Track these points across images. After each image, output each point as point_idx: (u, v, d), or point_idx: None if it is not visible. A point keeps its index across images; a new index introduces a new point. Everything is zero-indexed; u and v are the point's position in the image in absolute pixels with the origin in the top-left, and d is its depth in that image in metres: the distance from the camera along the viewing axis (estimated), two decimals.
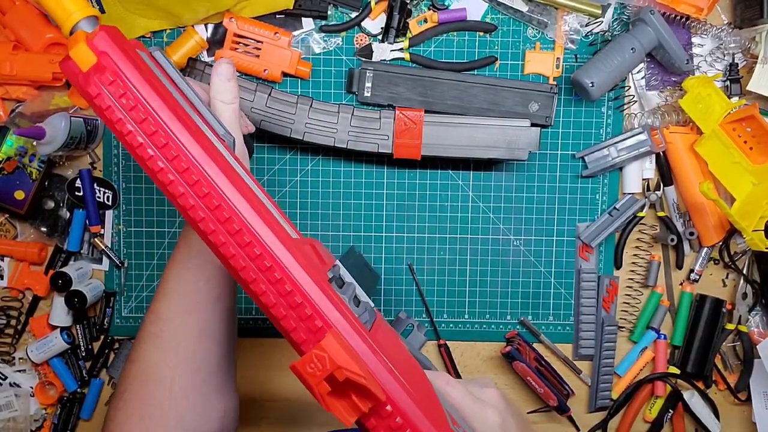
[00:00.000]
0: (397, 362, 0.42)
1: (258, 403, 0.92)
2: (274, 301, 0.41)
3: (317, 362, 0.38)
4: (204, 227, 0.42)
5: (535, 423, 0.94)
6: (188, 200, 0.42)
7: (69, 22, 0.45)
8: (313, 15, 0.85)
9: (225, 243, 0.42)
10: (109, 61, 0.43)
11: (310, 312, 0.41)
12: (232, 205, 0.42)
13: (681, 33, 0.86)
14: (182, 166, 0.42)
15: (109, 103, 0.42)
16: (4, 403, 0.89)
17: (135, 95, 0.43)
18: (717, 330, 0.90)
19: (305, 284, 0.42)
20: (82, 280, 0.88)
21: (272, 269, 0.41)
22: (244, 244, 0.42)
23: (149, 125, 0.43)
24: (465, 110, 0.85)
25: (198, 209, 0.42)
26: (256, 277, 0.42)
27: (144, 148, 0.43)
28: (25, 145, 0.85)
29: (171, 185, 0.42)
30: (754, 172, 0.85)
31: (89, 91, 0.43)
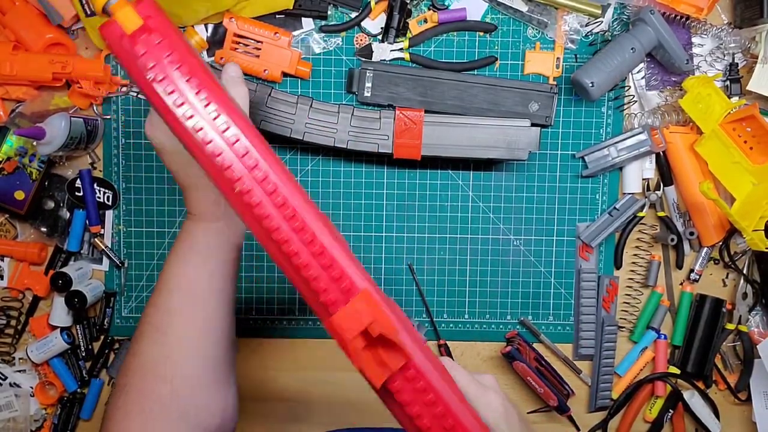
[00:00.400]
0: (413, 335, 0.44)
1: (258, 403, 0.92)
2: (306, 262, 0.43)
3: (353, 315, 0.40)
4: (241, 187, 0.44)
5: (535, 423, 0.94)
6: (225, 158, 0.44)
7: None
8: (313, 15, 0.85)
9: (261, 203, 0.44)
10: (156, 23, 0.44)
11: (340, 274, 0.43)
12: (265, 168, 0.44)
13: (681, 33, 0.86)
14: (221, 126, 0.44)
15: (155, 62, 0.44)
16: (4, 404, 0.89)
17: (182, 55, 0.44)
18: (717, 330, 0.90)
19: (333, 249, 0.44)
20: (82, 280, 0.88)
21: (304, 230, 0.43)
22: (278, 205, 0.44)
23: (193, 84, 0.44)
24: (465, 110, 0.85)
25: (235, 169, 0.44)
26: (289, 238, 0.43)
27: (191, 106, 0.44)
28: (25, 146, 0.85)
29: (210, 145, 0.44)
30: (754, 172, 0.85)
31: (136, 50, 0.44)
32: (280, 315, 0.91)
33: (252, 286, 0.90)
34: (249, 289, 0.90)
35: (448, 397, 0.44)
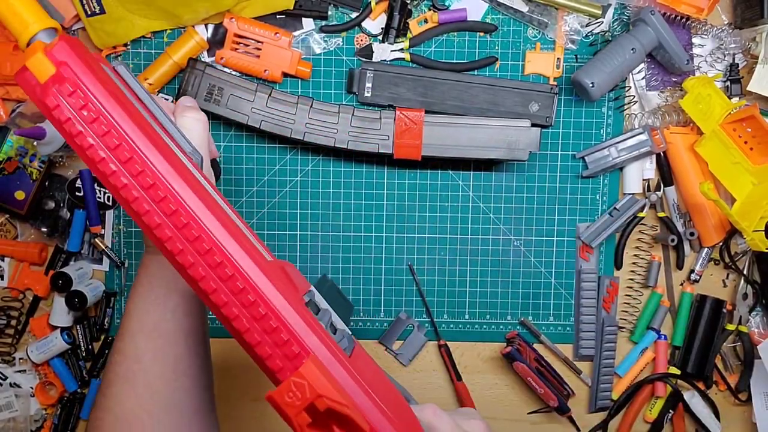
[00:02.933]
0: (378, 392, 0.40)
1: (259, 403, 0.92)
2: (247, 326, 0.38)
3: (296, 391, 0.36)
4: (171, 247, 0.39)
5: (536, 423, 0.94)
6: (154, 218, 0.39)
7: (26, 34, 0.42)
8: (314, 15, 0.85)
9: (194, 264, 0.39)
10: (69, 72, 0.39)
11: (287, 337, 0.38)
12: (201, 223, 0.39)
13: (681, 33, 0.86)
14: (147, 182, 0.39)
15: (69, 116, 0.39)
16: (4, 404, 0.89)
17: (96, 107, 0.39)
18: (717, 330, 0.90)
19: (281, 307, 0.39)
20: (83, 280, 0.88)
21: (245, 291, 0.39)
22: (214, 265, 0.39)
23: (112, 138, 0.39)
24: (465, 110, 0.85)
25: (165, 227, 0.39)
26: (228, 300, 0.39)
27: (106, 162, 0.39)
28: (26, 146, 0.85)
29: (135, 202, 0.39)
30: (754, 173, 0.85)
31: (47, 102, 0.39)
32: None
33: None
34: None
35: None
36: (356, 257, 0.90)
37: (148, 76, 0.84)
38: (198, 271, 0.39)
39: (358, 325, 0.91)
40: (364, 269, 0.91)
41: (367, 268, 0.91)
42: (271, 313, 0.38)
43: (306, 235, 0.90)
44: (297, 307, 0.39)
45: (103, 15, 0.81)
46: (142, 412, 0.50)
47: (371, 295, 0.91)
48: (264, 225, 0.89)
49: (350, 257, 0.90)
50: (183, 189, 0.40)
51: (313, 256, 0.90)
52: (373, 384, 0.40)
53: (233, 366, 0.91)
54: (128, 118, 0.40)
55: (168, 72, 0.84)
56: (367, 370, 0.42)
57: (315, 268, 0.90)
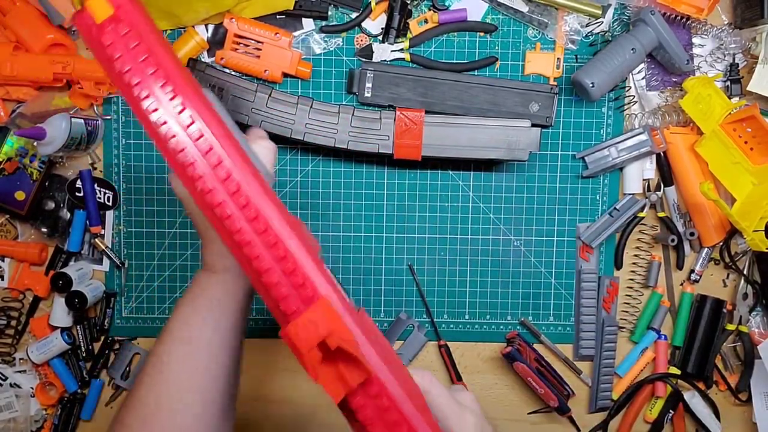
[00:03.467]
0: (381, 347, 0.42)
1: (261, 404, 0.92)
2: (267, 266, 0.41)
3: (309, 326, 0.38)
4: (201, 185, 0.41)
5: (536, 423, 0.94)
6: (188, 154, 0.42)
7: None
8: (314, 15, 0.85)
9: (222, 202, 0.41)
10: (126, 13, 0.42)
11: (302, 280, 0.40)
12: (229, 166, 0.42)
13: (681, 33, 0.86)
14: (186, 121, 0.41)
15: (121, 53, 0.41)
16: (4, 404, 0.89)
17: (150, 47, 0.42)
18: (717, 330, 0.90)
19: (299, 254, 0.41)
20: (83, 280, 0.88)
21: (268, 233, 0.41)
22: (241, 206, 0.41)
23: (159, 76, 0.42)
24: (465, 111, 0.85)
25: (197, 165, 0.41)
26: (252, 240, 0.41)
27: (155, 98, 0.42)
28: (26, 146, 0.85)
29: (173, 140, 0.41)
30: (754, 173, 0.86)
31: (102, 40, 0.42)
32: None
33: None
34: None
35: (414, 417, 0.41)
36: (356, 257, 0.90)
37: None
38: (225, 210, 0.41)
39: None
40: (364, 269, 0.91)
41: (367, 268, 0.91)
42: (290, 256, 0.41)
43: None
44: (313, 256, 0.42)
45: None
46: (167, 409, 0.52)
47: (371, 295, 0.91)
48: None
49: (350, 257, 0.90)
50: (217, 128, 0.42)
51: None
52: (377, 341, 0.42)
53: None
54: (177, 62, 0.43)
55: None
56: (372, 328, 0.44)
57: None
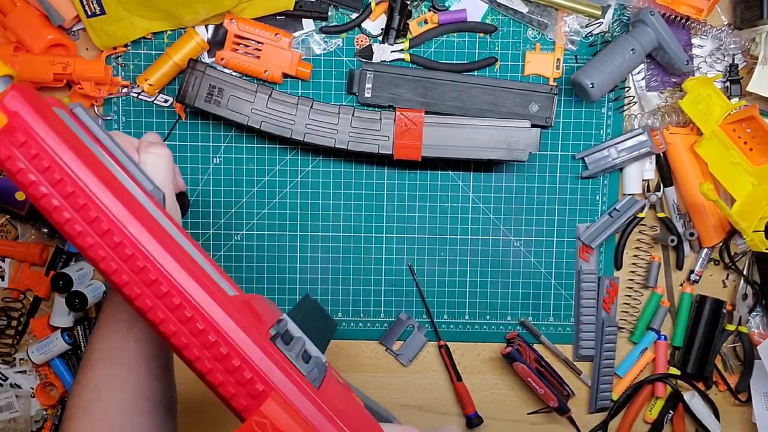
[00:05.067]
0: (349, 420, 0.39)
1: None
2: (209, 367, 0.38)
3: (258, 430, 0.36)
4: (129, 292, 0.39)
5: (536, 424, 0.94)
6: (110, 264, 0.39)
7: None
8: (314, 16, 0.85)
9: (152, 307, 0.38)
10: (21, 122, 0.39)
11: (250, 375, 0.38)
12: (158, 265, 0.39)
13: (681, 34, 0.86)
14: (103, 228, 0.39)
15: (22, 166, 0.39)
16: (4, 404, 0.89)
17: (49, 155, 0.39)
18: (717, 331, 0.90)
19: (243, 345, 0.38)
20: (83, 280, 0.88)
21: (205, 332, 0.38)
22: (173, 307, 0.38)
23: (65, 186, 0.39)
24: (465, 111, 0.85)
25: (122, 273, 0.39)
26: (189, 342, 0.38)
27: (60, 211, 0.39)
28: None
29: (91, 249, 0.39)
30: (754, 173, 0.86)
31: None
32: None
33: (252, 287, 0.90)
34: (249, 290, 0.90)
35: None
36: (356, 257, 0.90)
37: (148, 77, 0.84)
38: (157, 314, 0.38)
39: (359, 326, 0.91)
40: (364, 269, 0.91)
41: (367, 269, 0.91)
42: (233, 351, 0.38)
43: (306, 235, 0.90)
44: (260, 343, 0.39)
45: (104, 16, 0.81)
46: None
47: (371, 296, 0.91)
48: (264, 226, 0.89)
49: (350, 257, 0.90)
50: (139, 231, 0.39)
51: (313, 257, 0.90)
52: (345, 414, 0.39)
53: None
54: (83, 164, 0.39)
55: (168, 73, 0.84)
56: (338, 398, 0.41)
57: (315, 269, 0.90)
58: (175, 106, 0.87)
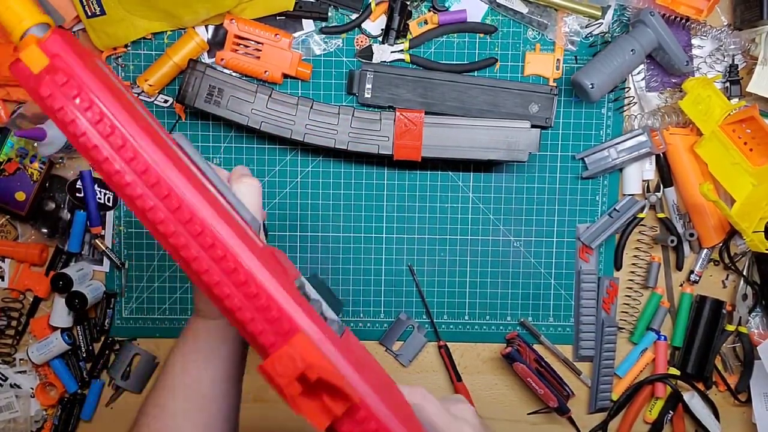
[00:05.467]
0: (368, 370, 0.41)
1: (259, 404, 0.92)
2: (239, 305, 0.40)
3: (287, 360, 0.37)
4: (164, 229, 0.40)
5: (536, 424, 0.94)
6: (147, 201, 0.40)
7: (19, 29, 0.44)
8: (314, 16, 0.85)
9: (186, 245, 0.40)
10: (62, 62, 0.41)
11: (278, 315, 0.40)
12: (192, 206, 0.40)
13: (681, 34, 0.86)
14: (140, 168, 0.40)
15: (62, 104, 0.40)
16: (4, 404, 0.89)
17: (89, 96, 0.41)
18: (717, 331, 0.90)
19: (272, 287, 0.40)
20: (83, 281, 0.88)
21: (237, 272, 0.40)
22: (207, 246, 0.40)
23: (105, 126, 0.41)
24: (465, 112, 0.85)
25: (158, 210, 0.40)
26: (220, 280, 0.40)
27: (99, 150, 0.40)
28: (26, 147, 0.85)
29: (128, 187, 0.40)
30: (753, 174, 0.86)
31: (41, 92, 0.40)
32: None
33: None
34: None
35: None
36: (356, 257, 0.90)
37: (148, 77, 0.84)
38: (190, 252, 0.40)
39: (359, 326, 0.91)
40: (364, 269, 0.91)
41: (367, 269, 0.91)
42: (262, 292, 0.40)
43: (306, 236, 0.90)
44: (287, 287, 0.41)
45: (104, 16, 0.81)
46: None
47: (371, 296, 0.91)
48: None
49: (350, 258, 0.90)
50: (170, 170, 0.41)
51: (314, 257, 0.90)
52: (363, 364, 0.41)
53: None
54: (122, 108, 0.41)
55: (168, 73, 0.84)
56: (357, 351, 0.43)
57: (315, 269, 0.90)
58: (175, 106, 0.87)
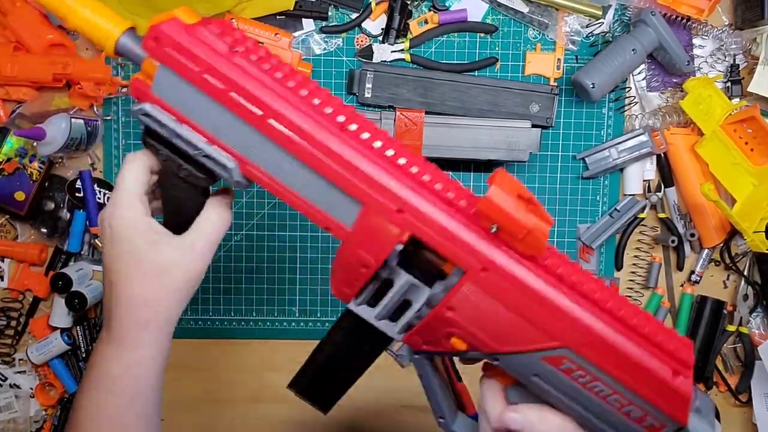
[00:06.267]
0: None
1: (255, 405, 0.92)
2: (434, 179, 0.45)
3: (506, 183, 0.41)
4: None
5: None
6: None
7: (111, 40, 0.46)
8: (314, 16, 0.85)
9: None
10: (212, 23, 0.45)
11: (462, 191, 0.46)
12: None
13: (682, 34, 0.86)
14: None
15: (233, 39, 0.44)
16: (4, 405, 0.89)
17: (251, 46, 0.45)
18: (718, 331, 0.90)
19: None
20: (83, 281, 0.88)
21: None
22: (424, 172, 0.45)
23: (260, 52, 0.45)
24: (465, 111, 0.85)
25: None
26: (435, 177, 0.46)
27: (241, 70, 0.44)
28: (26, 146, 0.85)
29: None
30: (754, 174, 0.85)
31: (210, 29, 0.44)
32: (281, 316, 0.91)
33: (252, 287, 0.90)
34: (249, 291, 0.90)
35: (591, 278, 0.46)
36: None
37: None
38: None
39: None
40: None
41: None
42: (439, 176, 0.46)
43: (306, 236, 0.90)
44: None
45: None
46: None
47: None
48: (264, 226, 0.89)
49: None
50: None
51: (313, 257, 0.90)
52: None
53: (194, 367, 0.92)
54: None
55: None
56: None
57: (315, 269, 0.90)
58: None
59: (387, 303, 0.48)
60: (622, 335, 0.45)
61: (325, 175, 0.44)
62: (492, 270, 0.44)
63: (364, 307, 0.49)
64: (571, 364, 0.45)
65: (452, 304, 0.46)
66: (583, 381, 0.45)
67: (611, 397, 0.45)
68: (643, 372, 0.44)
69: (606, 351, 0.44)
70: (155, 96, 0.45)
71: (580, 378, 0.45)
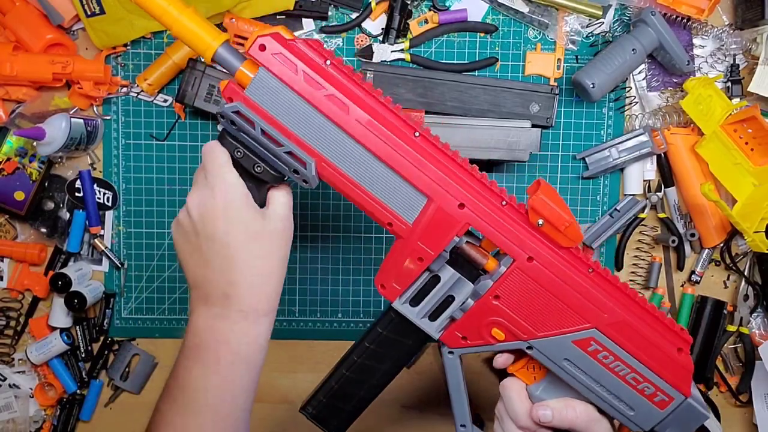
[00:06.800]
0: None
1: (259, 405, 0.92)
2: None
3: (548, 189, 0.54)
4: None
5: None
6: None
7: (210, 51, 0.53)
8: (314, 16, 0.85)
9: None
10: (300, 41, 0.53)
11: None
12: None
13: (682, 34, 0.86)
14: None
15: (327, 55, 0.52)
16: (3, 405, 0.89)
17: (338, 60, 0.53)
18: (718, 332, 0.90)
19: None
20: (82, 281, 0.88)
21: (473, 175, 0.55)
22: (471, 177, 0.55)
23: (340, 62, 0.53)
24: (466, 111, 0.85)
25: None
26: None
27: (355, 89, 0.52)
28: (25, 146, 0.85)
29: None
30: (755, 174, 0.85)
31: (309, 44, 0.51)
32: (281, 316, 0.91)
33: None
34: None
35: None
36: (356, 258, 0.90)
37: (147, 76, 0.84)
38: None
39: (359, 326, 0.91)
40: (364, 270, 0.90)
41: (368, 269, 0.90)
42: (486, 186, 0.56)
43: (306, 236, 0.90)
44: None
45: (103, 15, 0.81)
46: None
47: (372, 296, 0.91)
48: None
49: (350, 258, 0.90)
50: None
51: (313, 257, 0.90)
52: None
53: None
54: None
55: (167, 72, 0.84)
56: None
57: (315, 269, 0.90)
58: (175, 105, 0.87)
59: (431, 298, 0.55)
60: (639, 316, 0.53)
61: (399, 171, 0.52)
62: (537, 259, 0.53)
63: (407, 306, 0.56)
64: (598, 346, 0.53)
65: (499, 292, 0.54)
66: (607, 361, 0.53)
67: (629, 376, 0.54)
68: (656, 349, 0.53)
69: (628, 330, 0.53)
70: (248, 97, 0.52)
71: (605, 359, 0.53)
